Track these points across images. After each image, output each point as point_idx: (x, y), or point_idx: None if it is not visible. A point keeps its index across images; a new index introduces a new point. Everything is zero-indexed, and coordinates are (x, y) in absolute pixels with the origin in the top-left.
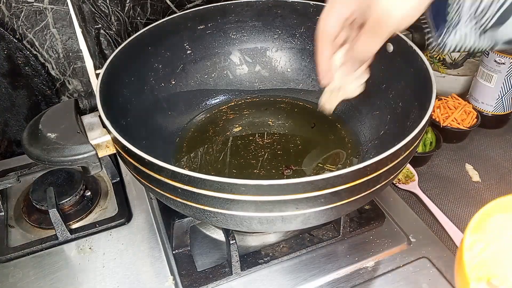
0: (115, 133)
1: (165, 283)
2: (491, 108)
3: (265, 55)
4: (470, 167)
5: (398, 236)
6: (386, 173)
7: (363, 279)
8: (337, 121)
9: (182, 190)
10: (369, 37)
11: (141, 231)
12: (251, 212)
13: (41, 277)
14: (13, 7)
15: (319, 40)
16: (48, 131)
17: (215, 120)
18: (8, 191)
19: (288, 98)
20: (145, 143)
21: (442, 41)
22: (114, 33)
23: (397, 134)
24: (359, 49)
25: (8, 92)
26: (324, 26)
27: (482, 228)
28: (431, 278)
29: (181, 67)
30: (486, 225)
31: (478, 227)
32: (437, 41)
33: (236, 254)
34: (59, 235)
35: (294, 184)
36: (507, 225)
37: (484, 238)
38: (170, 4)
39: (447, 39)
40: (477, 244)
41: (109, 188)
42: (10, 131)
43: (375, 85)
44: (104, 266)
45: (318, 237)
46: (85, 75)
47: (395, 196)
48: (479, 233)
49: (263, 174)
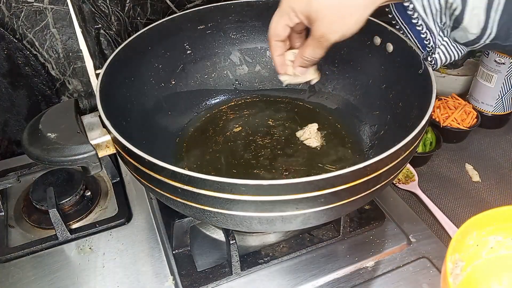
0: (115, 133)
1: (165, 283)
2: (491, 108)
3: (265, 55)
4: (470, 167)
5: (398, 236)
6: (386, 173)
7: (363, 279)
8: (337, 121)
9: (182, 190)
10: (313, 47)
11: (141, 231)
12: (251, 212)
13: (41, 277)
14: (13, 7)
15: (271, 42)
16: (48, 131)
17: (215, 120)
18: (8, 191)
19: (288, 98)
20: (145, 143)
21: (432, 60)
22: (114, 33)
23: (397, 134)
24: (306, 55)
25: (8, 92)
26: (274, 30)
27: (461, 247)
28: (431, 278)
29: (181, 67)
30: (464, 243)
31: (458, 247)
32: (427, 60)
33: (236, 254)
34: (59, 235)
35: (294, 184)
36: (483, 239)
37: (465, 257)
38: (170, 4)
39: (434, 56)
40: (459, 263)
41: (109, 188)
42: (10, 131)
43: (375, 85)
44: (104, 266)
45: (318, 237)
46: (85, 75)
47: (395, 196)
48: (460, 253)
49: (263, 174)
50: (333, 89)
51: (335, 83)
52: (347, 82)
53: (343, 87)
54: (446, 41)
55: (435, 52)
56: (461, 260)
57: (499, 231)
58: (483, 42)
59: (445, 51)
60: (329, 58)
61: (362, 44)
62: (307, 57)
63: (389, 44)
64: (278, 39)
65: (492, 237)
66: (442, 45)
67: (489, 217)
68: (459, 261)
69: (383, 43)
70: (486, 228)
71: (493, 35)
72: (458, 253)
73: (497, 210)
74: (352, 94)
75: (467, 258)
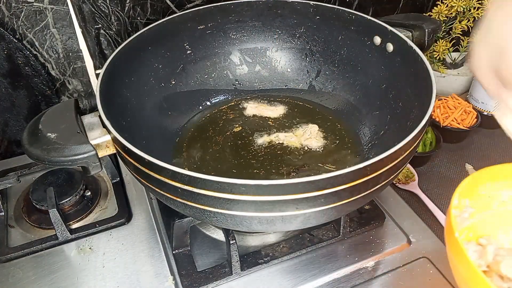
0: (115, 133)
1: (165, 283)
2: (491, 108)
3: (265, 55)
4: (470, 167)
5: (398, 236)
6: (386, 173)
7: (363, 279)
8: (337, 121)
9: (182, 190)
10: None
11: (141, 231)
12: (251, 212)
13: (41, 277)
14: (13, 7)
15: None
16: (48, 131)
17: (215, 120)
18: (8, 191)
19: (288, 98)
20: (145, 143)
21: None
22: (114, 33)
23: (397, 134)
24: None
25: (8, 92)
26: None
27: (472, 194)
28: (431, 278)
29: (181, 67)
30: (476, 191)
31: (468, 193)
32: None
33: (236, 254)
34: (59, 235)
35: (294, 184)
36: (496, 192)
37: (474, 204)
38: (170, 4)
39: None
40: (467, 209)
41: (109, 188)
42: (10, 131)
43: (375, 85)
44: (104, 266)
45: (318, 237)
46: (85, 75)
47: (395, 196)
48: (470, 199)
49: (263, 174)
50: (333, 89)
51: (335, 83)
52: (347, 82)
53: (343, 87)
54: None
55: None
56: (471, 206)
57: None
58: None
59: None
60: (329, 58)
61: (362, 44)
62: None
63: (389, 44)
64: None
65: (505, 191)
66: None
67: (505, 170)
68: (469, 207)
69: (383, 43)
70: (501, 182)
71: None
72: (469, 199)
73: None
74: (352, 94)
75: (477, 206)
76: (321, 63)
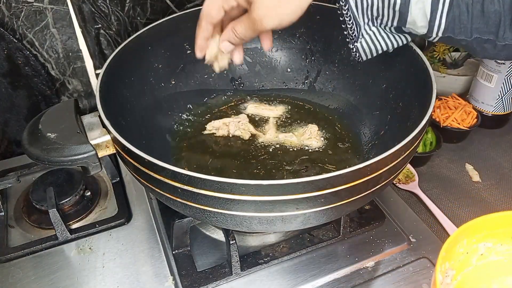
0: (115, 133)
1: (165, 283)
2: (491, 108)
3: (265, 55)
4: (470, 167)
5: (398, 236)
6: (386, 173)
7: (363, 279)
8: (337, 121)
9: (182, 190)
10: (246, 27)
11: (141, 231)
12: (251, 212)
13: (41, 277)
14: (13, 7)
15: (201, 22)
16: (48, 131)
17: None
18: (8, 191)
19: (288, 98)
20: (145, 143)
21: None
22: (114, 33)
23: (397, 134)
24: (237, 30)
25: (8, 92)
26: (207, 11)
27: (452, 255)
28: (431, 278)
29: (181, 67)
30: (454, 251)
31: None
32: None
33: (236, 254)
34: (59, 235)
35: (294, 184)
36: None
37: (455, 265)
38: (170, 4)
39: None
40: (449, 272)
41: (109, 188)
42: (10, 131)
43: (375, 85)
44: (104, 266)
45: (318, 237)
46: (85, 75)
47: (395, 196)
48: (450, 261)
49: (263, 174)
50: (333, 89)
51: (335, 83)
52: (347, 82)
53: (343, 87)
54: (373, 31)
55: (357, 41)
56: (451, 268)
57: (488, 238)
58: (435, 35)
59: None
60: (329, 58)
61: None
62: (237, 32)
63: None
64: (209, 21)
65: (482, 244)
66: (368, 34)
67: (479, 224)
68: (450, 270)
69: None
70: (476, 235)
71: (443, 28)
72: (448, 262)
73: (486, 217)
74: (352, 94)
75: (458, 266)
76: (321, 63)
